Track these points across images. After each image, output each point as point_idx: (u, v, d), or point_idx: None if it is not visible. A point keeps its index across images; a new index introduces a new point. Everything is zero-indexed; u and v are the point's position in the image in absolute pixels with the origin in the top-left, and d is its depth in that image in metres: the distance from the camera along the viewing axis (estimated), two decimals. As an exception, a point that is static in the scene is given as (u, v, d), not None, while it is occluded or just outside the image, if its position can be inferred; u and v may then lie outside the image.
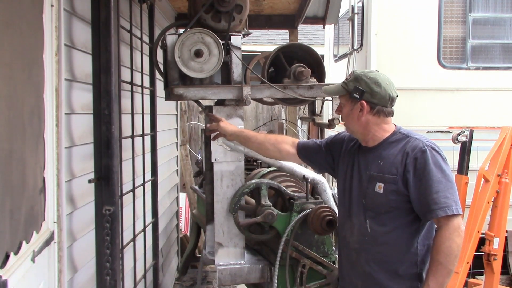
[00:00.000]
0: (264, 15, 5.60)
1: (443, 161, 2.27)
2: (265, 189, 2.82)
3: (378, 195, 2.30)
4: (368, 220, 2.34)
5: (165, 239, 4.79)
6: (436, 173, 2.22)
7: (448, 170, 2.26)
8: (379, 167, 2.33)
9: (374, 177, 2.33)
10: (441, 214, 2.18)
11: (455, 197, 2.22)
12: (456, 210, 2.19)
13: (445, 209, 2.18)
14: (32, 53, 1.88)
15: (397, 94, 2.36)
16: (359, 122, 2.36)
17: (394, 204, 2.28)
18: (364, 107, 2.32)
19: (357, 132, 2.41)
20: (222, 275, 2.84)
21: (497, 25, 5.73)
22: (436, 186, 2.20)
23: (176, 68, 2.81)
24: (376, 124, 2.35)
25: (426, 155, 2.24)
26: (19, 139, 1.72)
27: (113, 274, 2.39)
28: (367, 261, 2.35)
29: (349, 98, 2.35)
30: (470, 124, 5.26)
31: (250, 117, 10.24)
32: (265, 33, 12.46)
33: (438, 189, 2.20)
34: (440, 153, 2.28)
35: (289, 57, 3.08)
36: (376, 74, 2.36)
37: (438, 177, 2.21)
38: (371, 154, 2.39)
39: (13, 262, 1.64)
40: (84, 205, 2.48)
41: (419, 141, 2.29)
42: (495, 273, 3.95)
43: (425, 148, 2.26)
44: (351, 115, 2.37)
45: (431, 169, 2.22)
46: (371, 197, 2.33)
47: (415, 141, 2.30)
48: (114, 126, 2.38)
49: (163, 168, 4.46)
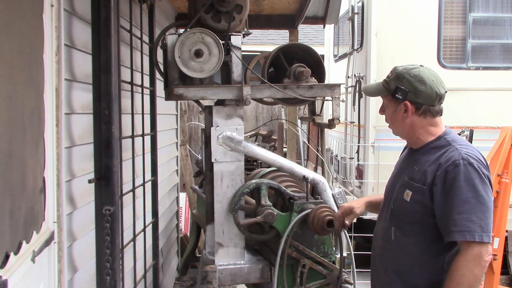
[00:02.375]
0: (264, 15, 5.60)
1: (480, 179, 2.00)
2: (265, 189, 2.82)
3: (405, 203, 2.14)
4: (393, 227, 2.19)
5: (165, 239, 4.79)
6: (465, 191, 1.98)
7: (484, 190, 1.99)
8: (413, 173, 2.16)
9: (405, 183, 2.17)
10: (458, 238, 1.97)
11: (484, 223, 1.96)
12: (480, 237, 1.94)
13: (464, 233, 1.95)
14: (32, 53, 1.88)
15: (445, 90, 2.18)
16: (403, 124, 2.18)
17: (419, 216, 2.10)
18: (409, 108, 2.14)
19: (403, 134, 2.24)
20: (222, 275, 2.84)
21: (497, 25, 5.73)
22: (460, 206, 1.97)
23: (176, 68, 2.81)
24: (422, 127, 2.17)
25: (458, 170, 2.00)
26: (19, 139, 1.72)
27: (113, 274, 2.39)
28: (386, 269, 2.23)
29: (392, 98, 2.17)
30: (470, 124, 5.25)
31: (250, 117, 10.25)
32: (265, 33, 12.46)
33: (462, 210, 1.96)
34: (478, 168, 2.01)
35: (289, 57, 3.08)
36: (420, 70, 2.16)
37: (466, 197, 1.97)
38: (411, 157, 2.24)
39: (13, 262, 1.64)
40: (84, 205, 2.48)
41: (457, 152, 2.05)
42: (495, 273, 3.95)
43: (459, 162, 2.01)
44: (394, 116, 2.20)
45: (460, 186, 1.98)
46: (398, 204, 2.19)
47: (453, 151, 2.07)
48: (114, 126, 2.38)
49: (163, 168, 4.46)
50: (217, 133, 2.83)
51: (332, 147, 7.12)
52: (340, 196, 2.97)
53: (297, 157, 7.24)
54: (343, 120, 6.31)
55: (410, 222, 2.14)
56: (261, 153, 2.93)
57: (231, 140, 2.83)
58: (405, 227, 2.15)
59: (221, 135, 2.83)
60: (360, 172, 5.88)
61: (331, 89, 2.96)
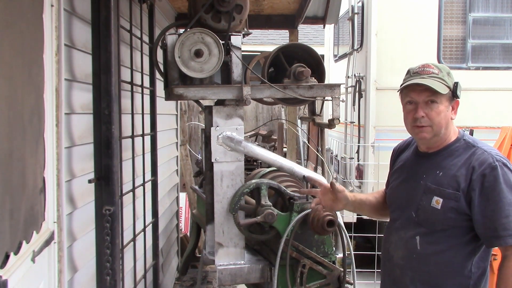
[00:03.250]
0: (264, 15, 5.60)
1: None
2: (265, 189, 2.82)
3: (435, 211, 2.05)
4: (419, 236, 2.10)
5: (165, 239, 4.79)
6: (508, 194, 1.95)
7: None
8: (438, 179, 2.07)
9: (431, 190, 2.08)
10: (509, 242, 1.95)
11: None
12: None
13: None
14: (32, 53, 1.88)
15: None
16: (449, 123, 2.11)
17: (452, 223, 2.04)
18: (457, 106, 2.11)
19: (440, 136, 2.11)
20: (222, 275, 2.84)
21: (497, 25, 5.73)
22: (507, 209, 1.93)
23: (176, 68, 2.81)
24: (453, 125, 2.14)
25: (496, 173, 1.96)
26: (19, 139, 1.72)
27: (113, 274, 2.39)
28: (413, 281, 2.12)
29: (449, 96, 2.08)
30: (470, 124, 5.26)
31: (250, 117, 10.25)
32: (265, 33, 12.46)
33: (509, 213, 1.93)
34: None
35: (289, 57, 3.08)
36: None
37: (510, 199, 1.94)
38: (427, 162, 2.16)
39: (13, 262, 1.64)
40: (84, 205, 2.48)
41: (488, 155, 2.01)
42: (495, 273, 3.95)
43: (496, 164, 1.98)
44: (447, 115, 2.08)
45: (501, 189, 1.95)
46: (425, 212, 2.09)
47: (483, 154, 2.03)
48: (114, 126, 2.38)
49: (163, 168, 4.46)
50: (217, 133, 2.83)
51: (332, 147, 7.12)
52: (340, 196, 2.96)
53: (297, 157, 7.24)
54: (343, 120, 6.31)
55: (441, 229, 2.07)
56: (261, 153, 2.93)
57: (231, 140, 2.83)
58: (435, 235, 2.08)
59: (221, 135, 2.83)
60: (360, 172, 5.88)
61: (331, 89, 2.96)
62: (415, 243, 2.11)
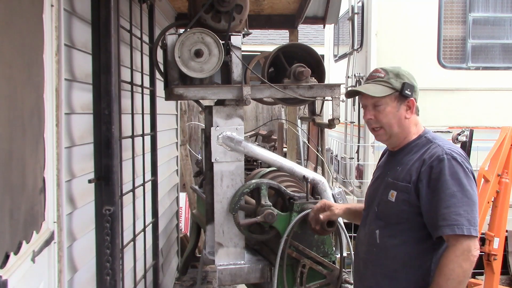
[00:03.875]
0: (264, 15, 5.61)
1: (464, 173, 2.00)
2: (265, 189, 2.82)
3: (390, 203, 2.11)
4: (378, 230, 2.16)
5: (165, 239, 4.79)
6: (451, 185, 1.97)
7: (469, 184, 1.99)
8: (396, 174, 2.14)
9: (389, 184, 2.15)
10: (447, 232, 1.95)
11: (471, 216, 1.95)
12: (468, 230, 1.93)
13: (453, 227, 1.94)
14: (32, 53, 1.88)
15: None
16: (403, 123, 2.15)
17: (405, 215, 2.08)
18: (413, 105, 2.14)
19: (396, 135, 2.18)
20: (222, 275, 2.84)
21: (497, 25, 5.73)
22: (448, 200, 1.96)
23: (176, 68, 2.81)
24: (414, 125, 2.18)
25: (443, 164, 2.00)
26: (19, 139, 1.72)
27: (113, 274, 2.39)
28: (374, 274, 2.18)
29: (396, 97, 2.12)
30: (470, 124, 5.26)
31: (250, 117, 10.25)
32: (265, 33, 12.46)
33: (450, 204, 1.95)
34: (462, 163, 2.02)
35: (289, 57, 3.08)
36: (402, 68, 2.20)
37: (452, 191, 1.97)
38: (393, 159, 2.22)
39: (13, 262, 1.64)
40: (84, 205, 2.48)
41: (440, 148, 2.06)
42: (495, 273, 3.95)
43: (443, 156, 2.01)
44: (397, 115, 2.13)
45: (445, 180, 1.98)
46: (383, 205, 2.16)
47: (436, 147, 2.07)
48: (114, 126, 2.38)
49: (163, 168, 4.47)
50: (217, 133, 2.83)
51: (332, 147, 7.12)
52: (340, 196, 2.97)
53: (297, 157, 7.24)
54: (343, 120, 6.31)
55: (396, 222, 2.11)
56: (261, 153, 2.93)
57: (231, 140, 2.83)
58: (391, 228, 2.12)
59: (221, 135, 2.83)
60: (360, 172, 5.88)
61: (331, 89, 2.96)
62: (375, 237, 2.17)
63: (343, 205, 2.57)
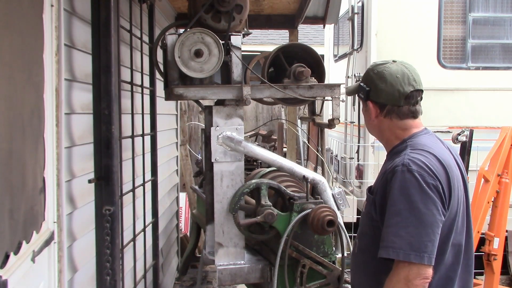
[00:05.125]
0: (264, 15, 5.61)
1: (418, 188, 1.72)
2: (265, 189, 2.82)
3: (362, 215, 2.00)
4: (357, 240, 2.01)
5: (165, 239, 4.79)
6: (397, 202, 1.72)
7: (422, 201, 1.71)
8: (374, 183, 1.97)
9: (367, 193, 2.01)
10: (382, 254, 1.72)
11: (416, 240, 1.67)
12: (406, 256, 1.66)
13: (388, 249, 1.69)
14: (32, 53, 1.88)
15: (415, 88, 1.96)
16: (371, 126, 2.03)
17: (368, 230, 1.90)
18: (370, 108, 1.97)
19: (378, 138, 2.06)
20: (222, 275, 2.84)
21: (497, 25, 5.73)
22: (391, 218, 1.72)
23: (176, 68, 2.81)
24: (389, 129, 1.96)
25: (395, 177, 1.76)
26: (19, 139, 1.72)
27: (113, 274, 2.39)
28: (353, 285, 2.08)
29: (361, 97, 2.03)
30: (470, 124, 5.26)
31: (250, 117, 10.25)
32: (265, 33, 12.46)
33: (391, 223, 1.71)
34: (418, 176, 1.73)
35: (289, 57, 3.08)
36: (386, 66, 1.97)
37: (398, 208, 1.71)
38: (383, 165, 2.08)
39: (13, 262, 1.64)
40: (84, 205, 2.48)
41: (402, 157, 1.82)
42: (495, 273, 3.95)
43: (397, 168, 1.77)
44: (366, 117, 2.04)
45: (393, 194, 1.74)
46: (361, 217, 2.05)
47: (402, 156, 1.83)
48: (114, 126, 2.38)
49: (163, 168, 4.47)
50: (217, 133, 2.83)
51: (332, 147, 7.12)
52: (340, 196, 2.97)
53: (297, 157, 7.24)
54: (343, 120, 6.31)
55: (365, 235, 1.95)
56: (261, 153, 2.93)
57: (231, 140, 2.83)
58: (362, 242, 1.96)
59: (221, 135, 2.83)
60: (360, 172, 5.88)
61: (331, 89, 2.96)
62: (355, 249, 2.05)
63: None
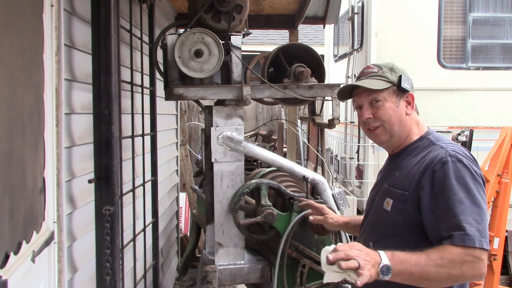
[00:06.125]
0: (264, 15, 5.60)
1: (472, 178, 1.73)
2: (265, 189, 2.82)
3: (385, 212, 1.88)
4: (372, 242, 1.90)
5: (165, 239, 4.79)
6: (458, 191, 1.70)
7: (477, 189, 1.73)
8: (394, 179, 1.91)
9: (385, 191, 1.92)
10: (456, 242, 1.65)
11: (482, 227, 1.67)
12: (480, 243, 1.64)
13: (463, 237, 1.65)
14: (32, 53, 1.88)
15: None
16: (404, 120, 1.93)
17: (401, 227, 1.82)
18: (413, 100, 1.92)
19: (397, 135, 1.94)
20: (222, 275, 2.84)
21: (497, 25, 5.73)
22: (456, 207, 1.69)
23: (176, 68, 2.81)
24: (416, 123, 1.96)
25: (447, 168, 1.74)
26: (19, 139, 1.72)
27: (113, 274, 2.39)
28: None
29: (394, 91, 1.91)
30: (470, 124, 5.26)
31: (250, 117, 10.25)
32: (265, 33, 12.46)
33: (458, 212, 1.68)
34: (469, 166, 1.75)
35: (289, 57, 3.08)
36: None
37: (460, 197, 1.70)
38: (391, 164, 2.01)
39: (13, 262, 1.64)
40: (84, 205, 2.48)
41: (443, 150, 1.80)
42: (495, 273, 3.95)
43: (447, 159, 1.75)
44: (398, 111, 1.91)
45: (451, 184, 1.72)
46: (378, 214, 1.93)
47: (438, 149, 1.81)
48: (114, 126, 2.38)
49: (163, 168, 4.46)
50: (217, 133, 2.83)
51: (332, 147, 7.12)
52: (340, 196, 2.97)
53: (297, 157, 7.24)
54: (343, 120, 6.31)
55: (389, 235, 1.86)
56: (261, 153, 2.93)
57: (231, 140, 2.83)
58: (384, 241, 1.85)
59: (221, 135, 2.83)
60: (360, 172, 5.88)
61: (331, 89, 2.96)
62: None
63: (341, 218, 2.29)
